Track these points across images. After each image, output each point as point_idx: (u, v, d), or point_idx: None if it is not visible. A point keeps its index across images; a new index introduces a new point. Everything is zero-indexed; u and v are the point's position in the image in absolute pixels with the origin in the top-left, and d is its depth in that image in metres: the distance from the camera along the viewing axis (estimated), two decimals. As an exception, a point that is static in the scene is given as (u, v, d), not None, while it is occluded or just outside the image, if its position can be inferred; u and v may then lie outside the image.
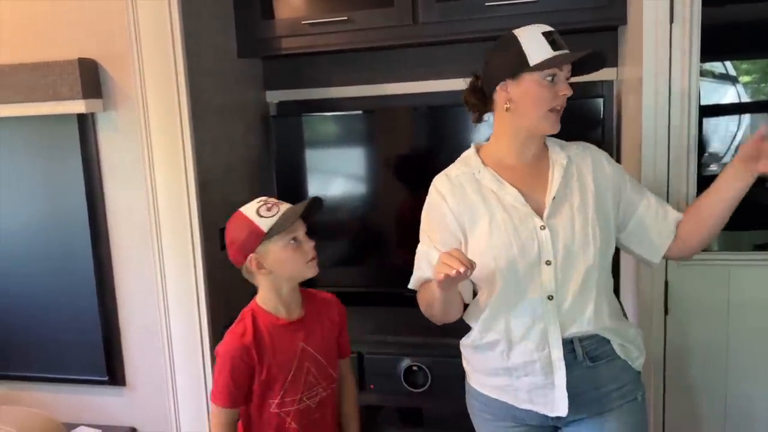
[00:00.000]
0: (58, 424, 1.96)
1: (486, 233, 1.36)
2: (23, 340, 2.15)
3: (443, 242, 1.40)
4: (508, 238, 1.34)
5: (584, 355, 1.36)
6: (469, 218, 1.39)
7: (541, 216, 1.35)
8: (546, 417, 1.39)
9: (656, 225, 1.44)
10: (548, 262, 1.33)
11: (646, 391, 1.47)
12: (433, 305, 1.39)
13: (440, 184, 1.43)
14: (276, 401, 1.46)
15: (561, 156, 1.41)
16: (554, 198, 1.36)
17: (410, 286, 1.49)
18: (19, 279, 2.12)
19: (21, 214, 2.08)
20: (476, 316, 1.42)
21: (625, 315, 1.53)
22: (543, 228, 1.34)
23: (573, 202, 1.37)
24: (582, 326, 1.35)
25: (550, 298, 1.34)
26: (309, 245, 1.45)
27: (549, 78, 1.33)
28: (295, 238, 1.43)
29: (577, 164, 1.41)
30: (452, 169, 1.45)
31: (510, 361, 1.38)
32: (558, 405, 1.36)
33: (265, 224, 1.40)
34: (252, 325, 1.45)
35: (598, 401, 1.38)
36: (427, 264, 1.42)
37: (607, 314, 1.38)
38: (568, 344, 1.36)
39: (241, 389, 1.44)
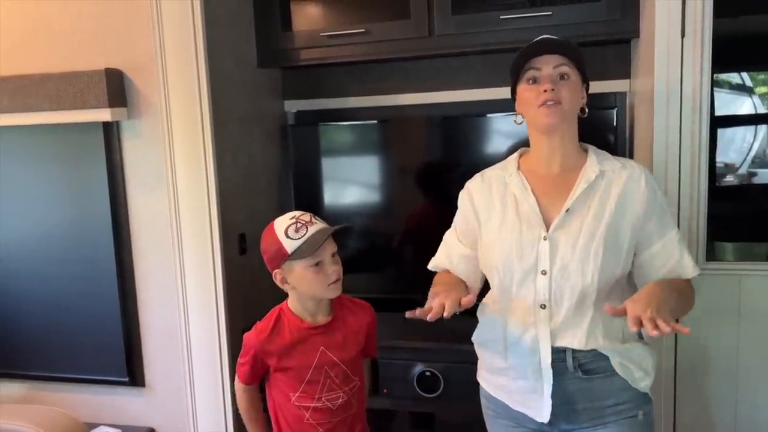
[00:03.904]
0: (80, 423, 2.00)
1: (495, 232, 1.43)
2: (46, 342, 2.21)
3: (463, 233, 1.51)
4: (511, 242, 1.39)
5: (576, 367, 1.37)
6: (485, 214, 1.45)
7: (549, 226, 1.37)
8: (546, 423, 1.41)
9: (656, 273, 1.38)
10: (544, 272, 1.35)
11: (657, 399, 1.47)
12: None
13: (472, 182, 1.52)
14: (296, 395, 1.52)
15: (593, 169, 1.39)
16: (567, 210, 1.37)
17: (429, 266, 1.56)
18: (44, 282, 2.17)
19: (47, 219, 2.14)
20: (482, 311, 1.49)
21: (640, 335, 1.47)
22: (545, 239, 1.36)
23: (586, 217, 1.35)
24: (573, 341, 1.35)
25: (543, 306, 1.36)
26: (332, 269, 1.47)
27: (530, 81, 1.37)
28: (318, 263, 1.45)
29: (608, 179, 1.38)
30: (489, 170, 1.51)
31: (506, 362, 1.43)
32: (542, 411, 1.39)
33: (290, 246, 1.43)
34: (273, 324, 1.52)
35: (593, 414, 1.38)
36: (446, 254, 1.53)
37: (602, 335, 1.35)
38: (560, 353, 1.36)
39: (255, 371, 1.55)
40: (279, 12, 2.18)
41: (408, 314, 1.26)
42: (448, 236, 1.56)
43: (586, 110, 1.41)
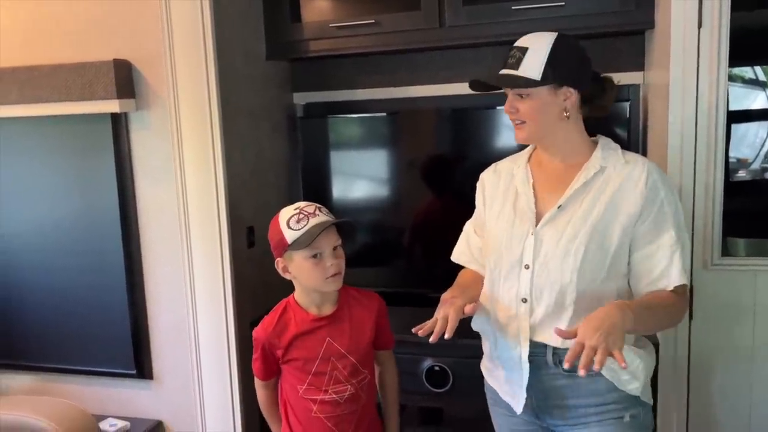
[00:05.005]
0: (88, 415, 2.00)
1: (492, 223, 1.47)
2: (54, 334, 2.21)
3: (479, 225, 1.55)
4: (502, 233, 1.42)
5: (557, 363, 1.36)
6: (489, 203, 1.50)
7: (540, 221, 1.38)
8: (534, 416, 1.43)
9: (644, 277, 1.35)
10: (527, 266, 1.36)
11: (671, 395, 1.45)
12: None
13: (485, 173, 1.55)
14: (303, 387, 1.52)
15: (594, 165, 1.36)
16: (560, 206, 1.36)
17: (452, 258, 1.60)
18: (52, 273, 2.17)
19: (55, 211, 2.14)
20: (480, 300, 1.51)
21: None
22: (532, 234, 1.37)
23: (575, 214, 1.34)
24: (551, 338, 1.34)
25: (524, 300, 1.37)
26: (332, 262, 1.46)
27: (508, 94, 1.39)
28: (316, 255, 1.45)
29: (606, 176, 1.36)
30: (502, 161, 1.54)
31: (496, 352, 1.46)
32: (520, 403, 1.41)
33: (290, 236, 1.45)
34: (278, 317, 1.54)
35: (577, 412, 1.38)
36: (467, 244, 1.58)
37: None
38: (541, 348, 1.37)
39: (268, 365, 1.57)
40: (288, 3, 2.17)
41: (414, 330, 1.32)
42: (468, 227, 1.60)
43: (567, 112, 1.35)
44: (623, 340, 1.17)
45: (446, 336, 1.28)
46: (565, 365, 1.18)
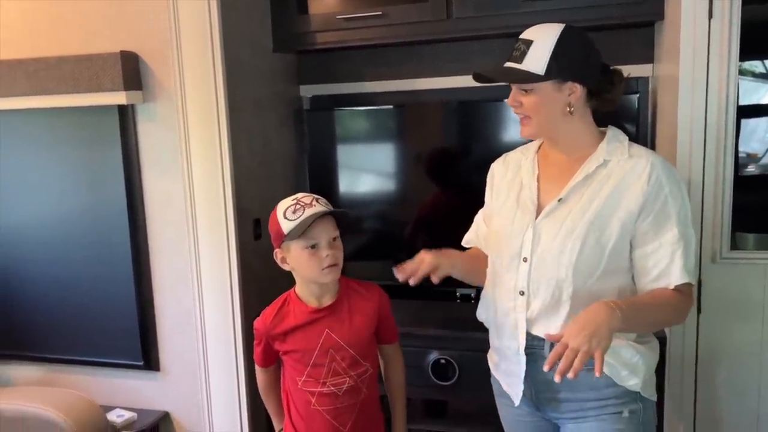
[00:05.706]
0: (96, 405, 2.02)
1: (496, 212, 1.48)
2: (62, 325, 2.22)
3: (487, 215, 1.56)
4: (504, 225, 1.42)
5: None
6: (496, 193, 1.51)
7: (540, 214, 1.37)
8: (535, 408, 1.43)
9: (645, 275, 1.32)
10: (525, 259, 1.36)
11: (678, 389, 1.44)
12: None
13: (496, 163, 1.56)
14: (302, 379, 1.52)
15: (597, 159, 1.34)
16: (560, 199, 1.35)
17: (462, 243, 1.62)
18: (59, 265, 2.18)
19: (62, 202, 2.15)
20: (484, 289, 1.53)
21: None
22: (531, 227, 1.36)
23: (573, 208, 1.33)
24: (547, 332, 1.33)
25: (522, 293, 1.37)
26: (328, 252, 1.46)
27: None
28: (312, 245, 1.46)
29: (610, 169, 1.33)
30: (512, 152, 1.54)
31: (498, 343, 1.47)
32: (518, 394, 1.42)
33: (286, 227, 1.45)
34: (277, 309, 1.55)
35: (575, 406, 1.37)
36: (476, 232, 1.60)
37: None
38: (539, 341, 1.37)
39: (267, 354, 1.59)
40: (295, -6, 2.16)
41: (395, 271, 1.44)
42: (479, 215, 1.60)
43: (571, 107, 1.33)
44: (609, 339, 1.17)
45: (411, 282, 1.42)
46: (545, 368, 1.18)
